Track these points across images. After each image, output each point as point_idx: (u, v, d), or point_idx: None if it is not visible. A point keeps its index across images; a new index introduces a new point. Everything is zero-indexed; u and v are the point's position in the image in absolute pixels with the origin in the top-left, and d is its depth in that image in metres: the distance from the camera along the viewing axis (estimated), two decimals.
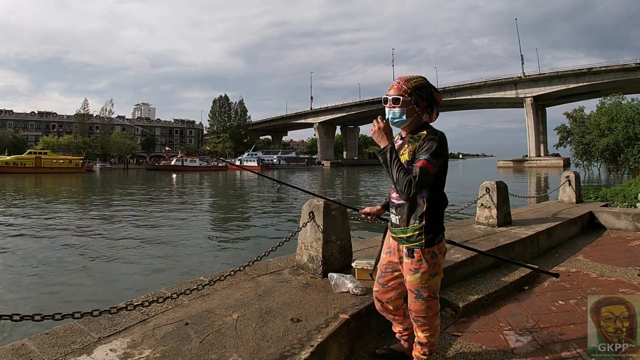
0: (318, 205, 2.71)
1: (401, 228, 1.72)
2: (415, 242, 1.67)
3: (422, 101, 1.66)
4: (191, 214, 14.64)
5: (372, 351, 2.09)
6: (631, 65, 49.86)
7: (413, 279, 1.70)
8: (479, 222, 4.66)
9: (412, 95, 1.65)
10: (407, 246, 1.70)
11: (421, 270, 1.68)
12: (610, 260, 3.94)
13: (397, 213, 1.75)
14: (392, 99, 1.66)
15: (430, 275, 1.69)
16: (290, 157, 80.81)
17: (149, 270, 6.97)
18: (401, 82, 1.67)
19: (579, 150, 22.22)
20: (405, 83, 1.66)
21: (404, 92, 1.65)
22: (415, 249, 1.68)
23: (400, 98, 1.64)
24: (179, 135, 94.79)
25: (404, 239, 1.72)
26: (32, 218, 13.04)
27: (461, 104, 73.73)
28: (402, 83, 1.66)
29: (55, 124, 79.68)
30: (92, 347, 1.69)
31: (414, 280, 1.70)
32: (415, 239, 1.67)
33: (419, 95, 1.65)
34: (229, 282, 2.52)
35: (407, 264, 1.71)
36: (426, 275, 1.68)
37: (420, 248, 1.67)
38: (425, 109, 1.68)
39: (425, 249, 1.67)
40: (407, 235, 1.70)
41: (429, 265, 1.68)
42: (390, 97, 1.67)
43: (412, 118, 1.67)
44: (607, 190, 9.67)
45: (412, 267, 1.69)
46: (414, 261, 1.69)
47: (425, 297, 1.71)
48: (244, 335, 1.83)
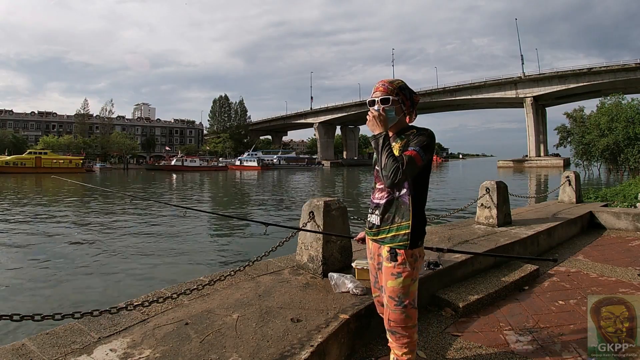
0: (318, 205, 2.71)
1: (385, 227, 1.68)
2: (400, 242, 1.63)
3: (407, 101, 1.71)
4: (191, 214, 14.63)
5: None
6: (631, 65, 49.83)
7: (395, 284, 1.63)
8: (479, 222, 4.66)
9: (399, 95, 1.69)
10: (391, 246, 1.65)
11: (404, 274, 1.63)
12: (610, 260, 3.94)
13: (380, 213, 1.70)
14: (381, 100, 1.68)
15: (412, 280, 1.64)
16: (290, 157, 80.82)
17: (149, 270, 6.97)
18: (385, 84, 1.71)
19: (579, 150, 22.23)
20: (390, 84, 1.70)
21: (390, 92, 1.68)
22: (399, 251, 1.63)
23: (390, 98, 1.67)
24: (179, 135, 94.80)
25: (387, 239, 1.67)
26: (32, 218, 13.04)
27: (461, 104, 73.74)
28: (387, 84, 1.70)
29: (55, 124, 79.68)
30: (92, 347, 1.69)
31: (396, 286, 1.63)
32: (400, 239, 1.63)
33: (404, 95, 1.70)
34: (229, 282, 2.52)
35: (389, 268, 1.65)
36: (408, 279, 1.63)
37: (405, 249, 1.62)
38: (409, 109, 1.72)
39: (409, 251, 1.63)
40: (391, 234, 1.66)
41: (411, 269, 1.63)
42: (378, 99, 1.69)
43: (399, 117, 1.70)
44: (607, 190, 9.67)
45: (394, 270, 1.63)
46: (397, 264, 1.63)
47: (407, 304, 1.64)
48: (244, 335, 1.83)
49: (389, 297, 1.66)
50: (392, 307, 1.65)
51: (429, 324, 2.49)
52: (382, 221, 1.69)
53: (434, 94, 68.55)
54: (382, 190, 1.72)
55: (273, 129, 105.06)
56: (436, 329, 2.41)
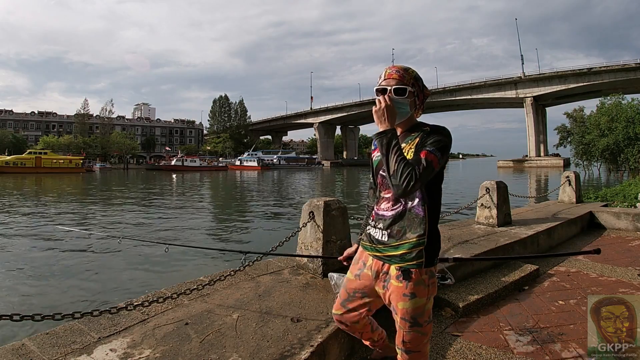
0: (318, 205, 2.70)
1: (392, 245, 1.42)
2: (412, 261, 1.39)
3: (421, 93, 1.46)
4: (191, 214, 14.63)
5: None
6: (631, 65, 49.90)
7: (408, 305, 1.40)
8: (479, 222, 4.66)
9: (414, 85, 1.43)
10: (401, 266, 1.40)
11: (419, 294, 1.39)
12: (610, 260, 3.94)
13: (386, 227, 1.45)
14: (395, 90, 1.39)
15: (427, 298, 1.42)
16: (290, 157, 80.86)
17: (149, 270, 6.97)
18: (401, 71, 1.42)
19: (579, 150, 22.24)
20: (406, 72, 1.42)
21: (407, 81, 1.41)
22: (412, 269, 1.39)
23: (407, 89, 1.40)
24: (179, 135, 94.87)
25: (396, 257, 1.41)
26: (32, 218, 13.04)
27: (461, 104, 73.79)
28: (402, 72, 1.42)
29: (55, 124, 79.74)
30: (92, 347, 1.69)
31: (410, 307, 1.40)
32: (412, 257, 1.39)
33: (419, 87, 1.45)
34: (229, 282, 2.52)
35: (400, 288, 1.40)
36: (424, 299, 1.41)
37: (419, 268, 1.39)
38: (422, 103, 1.48)
39: (424, 269, 1.40)
40: (400, 252, 1.41)
41: (427, 288, 1.41)
42: (391, 88, 1.40)
43: (412, 112, 1.44)
44: (607, 190, 9.67)
45: (407, 291, 1.39)
46: (411, 284, 1.38)
47: (423, 323, 1.43)
48: (244, 335, 1.83)
49: (401, 318, 1.43)
50: (407, 328, 1.43)
51: None
52: (390, 237, 1.43)
53: (434, 94, 68.52)
54: (390, 200, 1.45)
55: (273, 129, 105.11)
56: (436, 329, 2.41)
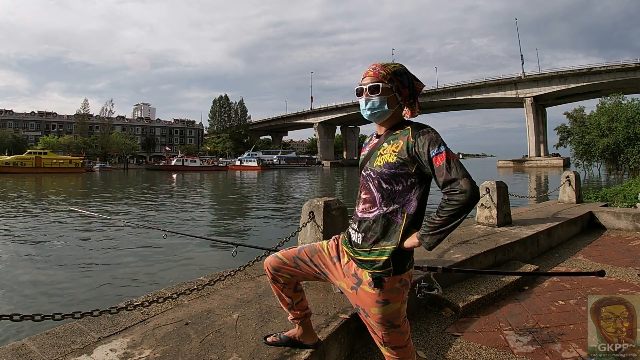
0: (318, 205, 2.71)
1: (364, 249, 1.38)
2: (380, 270, 1.34)
3: (404, 89, 1.39)
4: (191, 214, 14.64)
5: (264, 337, 1.81)
6: (631, 65, 49.91)
7: (382, 311, 1.36)
8: (479, 222, 4.66)
9: (393, 81, 1.37)
10: (373, 272, 1.35)
11: (392, 300, 1.36)
12: (610, 260, 3.94)
13: (360, 230, 1.40)
14: (369, 88, 1.37)
15: (402, 302, 1.39)
16: (290, 157, 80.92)
17: (149, 270, 6.97)
18: (377, 68, 1.38)
19: (579, 150, 22.22)
20: (383, 68, 1.38)
21: (382, 77, 1.36)
22: (385, 277, 1.35)
23: (380, 85, 1.36)
24: (179, 135, 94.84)
25: (367, 263, 1.37)
26: (32, 218, 13.04)
27: (461, 104, 73.80)
28: (379, 68, 1.38)
29: (55, 124, 79.72)
30: (92, 347, 1.69)
31: (384, 313, 1.36)
32: (381, 266, 1.34)
33: (400, 82, 1.38)
34: (229, 282, 2.52)
35: (372, 295, 1.35)
36: (398, 304, 1.37)
37: (388, 275, 1.35)
38: (407, 99, 1.41)
39: (397, 277, 1.35)
40: (371, 258, 1.36)
41: (400, 294, 1.37)
42: (366, 87, 1.38)
43: (394, 109, 1.39)
44: (607, 190, 9.68)
45: (380, 299, 1.35)
46: (383, 291, 1.34)
47: (400, 324, 1.41)
48: (244, 335, 1.83)
49: (376, 323, 1.40)
50: (384, 331, 1.40)
51: (429, 324, 2.49)
52: (364, 240, 1.39)
53: (434, 94, 68.59)
54: (367, 202, 1.40)
55: (273, 129, 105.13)
56: (436, 329, 2.41)
